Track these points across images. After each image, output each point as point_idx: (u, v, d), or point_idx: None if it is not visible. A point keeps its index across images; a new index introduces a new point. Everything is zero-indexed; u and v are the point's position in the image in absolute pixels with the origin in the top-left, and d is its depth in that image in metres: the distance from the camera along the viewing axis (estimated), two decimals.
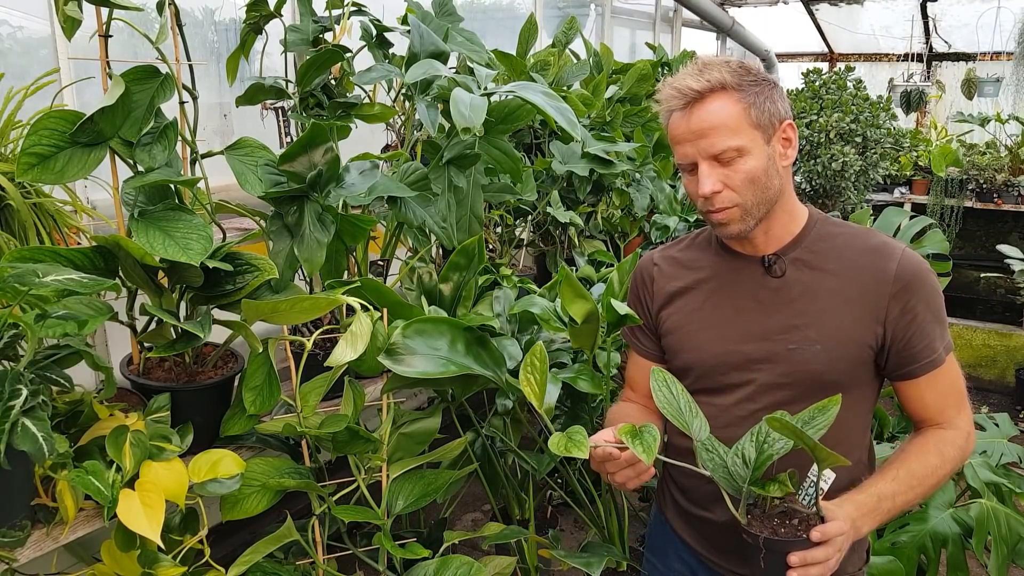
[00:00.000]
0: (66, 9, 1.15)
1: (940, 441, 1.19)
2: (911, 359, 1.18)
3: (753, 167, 1.13)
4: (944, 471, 1.17)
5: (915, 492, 1.15)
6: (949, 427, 1.20)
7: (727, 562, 1.28)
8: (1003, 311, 4.93)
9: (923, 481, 1.15)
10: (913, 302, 1.16)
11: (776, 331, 1.19)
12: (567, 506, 2.28)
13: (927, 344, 1.17)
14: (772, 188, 1.17)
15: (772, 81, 1.18)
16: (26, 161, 1.09)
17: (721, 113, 1.12)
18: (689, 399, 1.12)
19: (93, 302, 1.13)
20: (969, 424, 1.22)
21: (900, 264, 1.17)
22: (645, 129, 2.77)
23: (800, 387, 1.18)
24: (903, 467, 1.15)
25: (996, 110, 5.02)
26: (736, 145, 1.12)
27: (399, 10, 1.90)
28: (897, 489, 1.13)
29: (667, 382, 1.13)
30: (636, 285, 1.39)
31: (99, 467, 1.07)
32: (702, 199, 1.16)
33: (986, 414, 2.66)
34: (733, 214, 1.16)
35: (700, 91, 1.13)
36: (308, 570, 1.45)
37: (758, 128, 1.14)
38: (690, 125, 1.14)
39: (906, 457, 1.17)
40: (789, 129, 1.19)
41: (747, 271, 1.24)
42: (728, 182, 1.14)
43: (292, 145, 1.29)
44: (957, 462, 1.19)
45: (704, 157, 1.14)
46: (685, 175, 1.20)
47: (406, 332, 1.33)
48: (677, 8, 5.14)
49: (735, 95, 1.13)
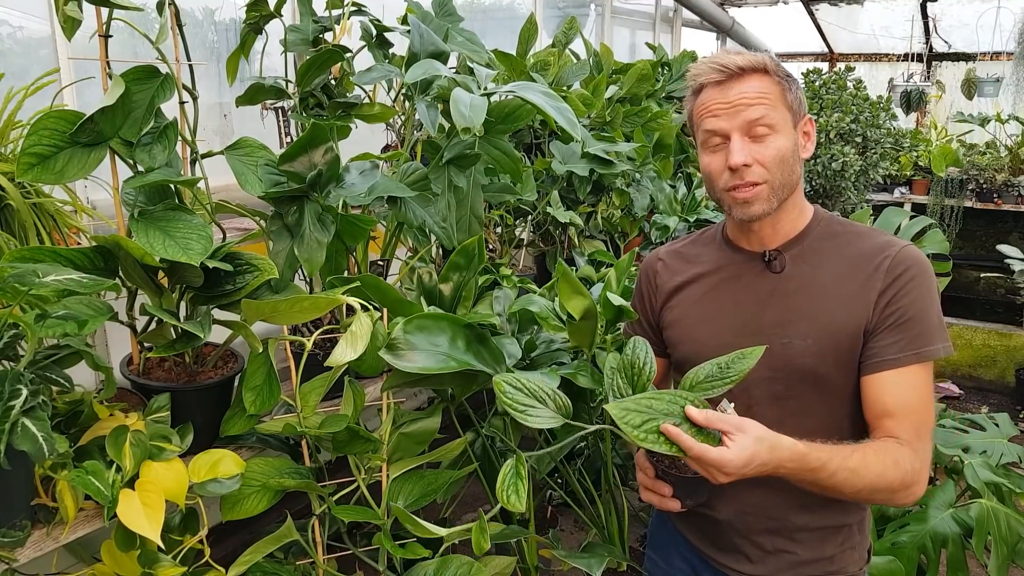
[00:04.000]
0: (66, 9, 1.15)
1: (899, 451, 1.10)
2: (884, 349, 1.13)
3: (783, 146, 1.15)
4: (890, 482, 1.08)
5: (854, 483, 1.07)
6: (907, 448, 1.11)
7: (729, 560, 1.28)
8: (1003, 311, 4.93)
9: (868, 476, 1.07)
10: (901, 294, 1.14)
11: (770, 326, 1.20)
12: (567, 506, 2.28)
13: (905, 338, 1.13)
14: (795, 174, 1.19)
15: (796, 79, 1.21)
16: (26, 161, 1.09)
17: (762, 88, 1.15)
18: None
19: (93, 302, 1.13)
20: (925, 463, 1.12)
21: (896, 257, 1.16)
22: (645, 129, 2.76)
23: (793, 382, 1.19)
24: (859, 452, 1.08)
25: (996, 110, 5.02)
26: (772, 120, 1.14)
27: (399, 10, 1.90)
28: (841, 468, 1.06)
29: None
30: (641, 282, 1.40)
31: (99, 467, 1.07)
32: (729, 172, 1.16)
33: (986, 414, 2.66)
34: (760, 191, 1.16)
35: (743, 67, 1.15)
36: (308, 570, 1.45)
37: (790, 111, 1.17)
38: (728, 96, 1.15)
39: (866, 448, 1.10)
40: (809, 124, 1.22)
41: (748, 266, 1.25)
42: (758, 157, 1.15)
43: (292, 145, 1.29)
44: (903, 490, 1.09)
45: (738, 128, 1.15)
46: (708, 153, 1.20)
47: (407, 328, 1.33)
48: (677, 8, 5.14)
49: (774, 77, 1.17)
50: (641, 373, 1.14)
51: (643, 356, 1.15)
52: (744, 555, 1.26)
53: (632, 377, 1.14)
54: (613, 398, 1.12)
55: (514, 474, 1.06)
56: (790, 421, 1.19)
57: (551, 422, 1.10)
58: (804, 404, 1.20)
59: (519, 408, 1.10)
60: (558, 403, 1.13)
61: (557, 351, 1.77)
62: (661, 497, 1.13)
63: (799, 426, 1.18)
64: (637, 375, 1.14)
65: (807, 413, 1.20)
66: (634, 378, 1.14)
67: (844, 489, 1.07)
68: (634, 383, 1.14)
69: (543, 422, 1.10)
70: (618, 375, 1.14)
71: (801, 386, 1.19)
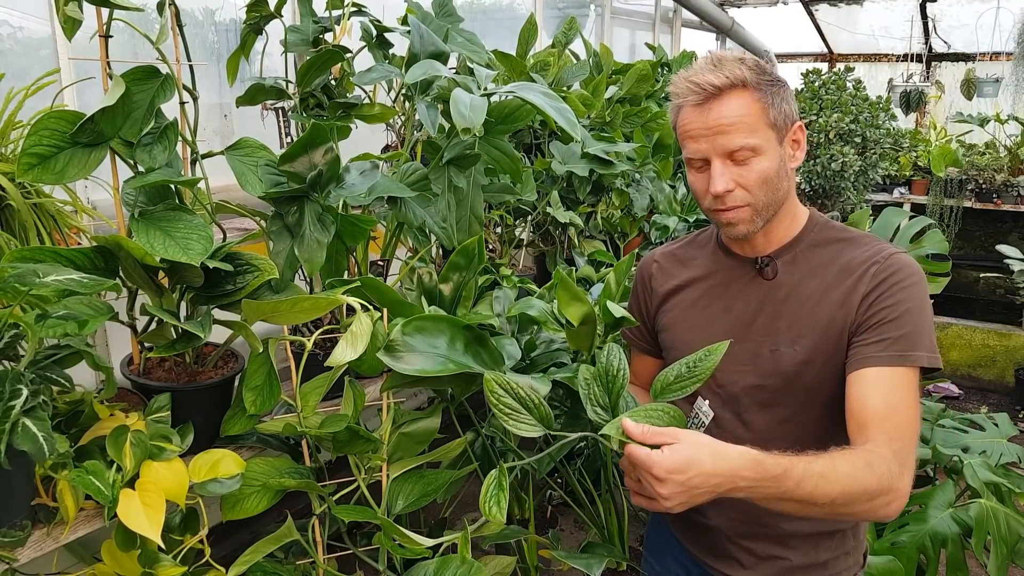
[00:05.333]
0: (66, 9, 1.15)
1: (873, 454, 1.01)
2: (867, 347, 1.09)
3: (766, 167, 1.11)
4: (864, 487, 0.98)
5: (825, 490, 0.97)
6: (888, 454, 1.02)
7: (722, 565, 1.28)
8: (1002, 311, 4.93)
9: (839, 482, 0.97)
10: (884, 296, 1.11)
11: (760, 333, 1.19)
12: (567, 506, 2.28)
13: (889, 338, 1.08)
14: (781, 190, 1.15)
15: (784, 81, 1.16)
16: (26, 161, 1.09)
17: (740, 110, 1.09)
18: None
19: (93, 302, 1.13)
20: (902, 477, 1.01)
21: (884, 263, 1.13)
22: (645, 129, 2.77)
23: (782, 389, 1.18)
24: (825, 457, 1.00)
25: (995, 110, 5.02)
26: (753, 144, 1.10)
27: (399, 10, 1.90)
28: (806, 474, 0.96)
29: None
30: (637, 284, 1.40)
31: (99, 467, 1.07)
32: (712, 197, 1.13)
33: (985, 414, 2.66)
34: (743, 214, 1.14)
35: (720, 87, 1.09)
36: (308, 570, 1.46)
37: (773, 128, 1.12)
38: (706, 121, 1.10)
39: (833, 453, 1.01)
40: (799, 131, 1.17)
41: (740, 272, 1.24)
42: (741, 181, 1.12)
43: (292, 145, 1.29)
44: (880, 495, 0.99)
45: (719, 154, 1.11)
46: (693, 172, 1.17)
47: (406, 330, 1.33)
48: (677, 8, 5.14)
49: (754, 93, 1.10)
50: (615, 381, 1.14)
51: (616, 363, 1.15)
52: (736, 560, 1.26)
53: (607, 384, 1.15)
54: (590, 407, 1.13)
55: (496, 486, 1.06)
56: (779, 428, 1.19)
57: (532, 431, 1.11)
58: (793, 411, 1.19)
59: (506, 412, 1.11)
60: (541, 413, 1.13)
61: (557, 351, 1.77)
62: (649, 500, 1.04)
63: (787, 434, 1.18)
64: (611, 382, 1.15)
65: (795, 421, 1.19)
66: (609, 384, 1.15)
67: (817, 498, 0.97)
68: (609, 390, 1.15)
69: (526, 430, 1.10)
70: (594, 384, 1.15)
71: (790, 393, 1.18)
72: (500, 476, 1.06)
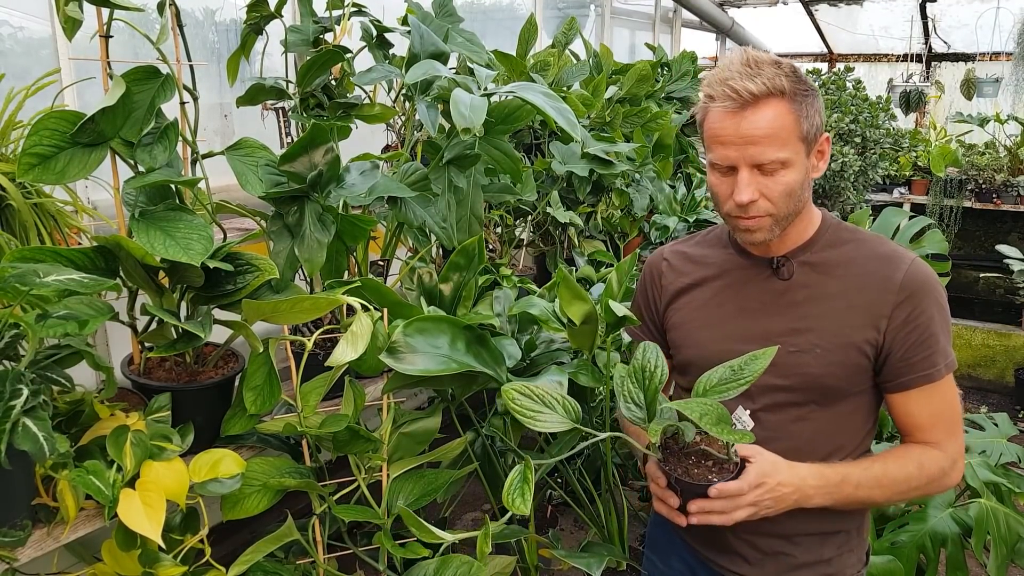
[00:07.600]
0: (67, 10, 1.15)
1: (924, 454, 1.16)
2: (907, 369, 1.15)
3: (792, 180, 1.11)
4: (919, 483, 1.15)
5: (882, 491, 1.14)
6: (938, 449, 1.17)
7: (726, 562, 1.28)
8: (1002, 311, 4.93)
9: (894, 484, 1.14)
10: (916, 313, 1.14)
11: (777, 333, 1.19)
12: (567, 506, 2.28)
13: (926, 356, 1.14)
14: (802, 201, 1.15)
15: (816, 90, 1.14)
16: (27, 161, 1.09)
17: (775, 123, 1.07)
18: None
19: (94, 302, 1.13)
20: (959, 454, 1.18)
21: (908, 273, 1.15)
22: (645, 129, 2.77)
23: (798, 390, 1.18)
24: (879, 463, 1.15)
25: (995, 110, 5.02)
26: (783, 158, 1.08)
27: (399, 10, 1.90)
28: (863, 480, 1.13)
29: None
30: (645, 281, 1.39)
31: (100, 467, 1.07)
32: (735, 205, 1.12)
33: (985, 414, 2.66)
34: (763, 223, 1.14)
35: (757, 95, 1.06)
36: (308, 569, 1.46)
37: (803, 141, 1.11)
38: (739, 128, 1.08)
39: (886, 457, 1.16)
40: (825, 143, 1.16)
41: (755, 271, 1.24)
42: (766, 192, 1.11)
43: (293, 145, 1.29)
44: (935, 481, 1.16)
45: (747, 164, 1.09)
46: (716, 175, 1.15)
47: (407, 331, 1.34)
48: (677, 9, 5.15)
49: (790, 104, 1.08)
50: (652, 377, 1.13)
51: (654, 360, 1.14)
52: (741, 557, 1.26)
53: (643, 382, 1.13)
54: (624, 404, 1.12)
55: (521, 479, 1.06)
56: (791, 428, 1.19)
57: (561, 426, 1.12)
58: (806, 412, 1.19)
59: (527, 414, 1.12)
60: (567, 407, 1.14)
61: (557, 351, 1.77)
62: (670, 509, 1.11)
63: (799, 433, 1.18)
64: (648, 379, 1.13)
65: (809, 421, 1.19)
66: (645, 382, 1.13)
67: (876, 499, 1.15)
68: (646, 388, 1.13)
69: (553, 426, 1.12)
70: (628, 380, 1.13)
71: (805, 394, 1.18)
72: (526, 470, 1.07)
